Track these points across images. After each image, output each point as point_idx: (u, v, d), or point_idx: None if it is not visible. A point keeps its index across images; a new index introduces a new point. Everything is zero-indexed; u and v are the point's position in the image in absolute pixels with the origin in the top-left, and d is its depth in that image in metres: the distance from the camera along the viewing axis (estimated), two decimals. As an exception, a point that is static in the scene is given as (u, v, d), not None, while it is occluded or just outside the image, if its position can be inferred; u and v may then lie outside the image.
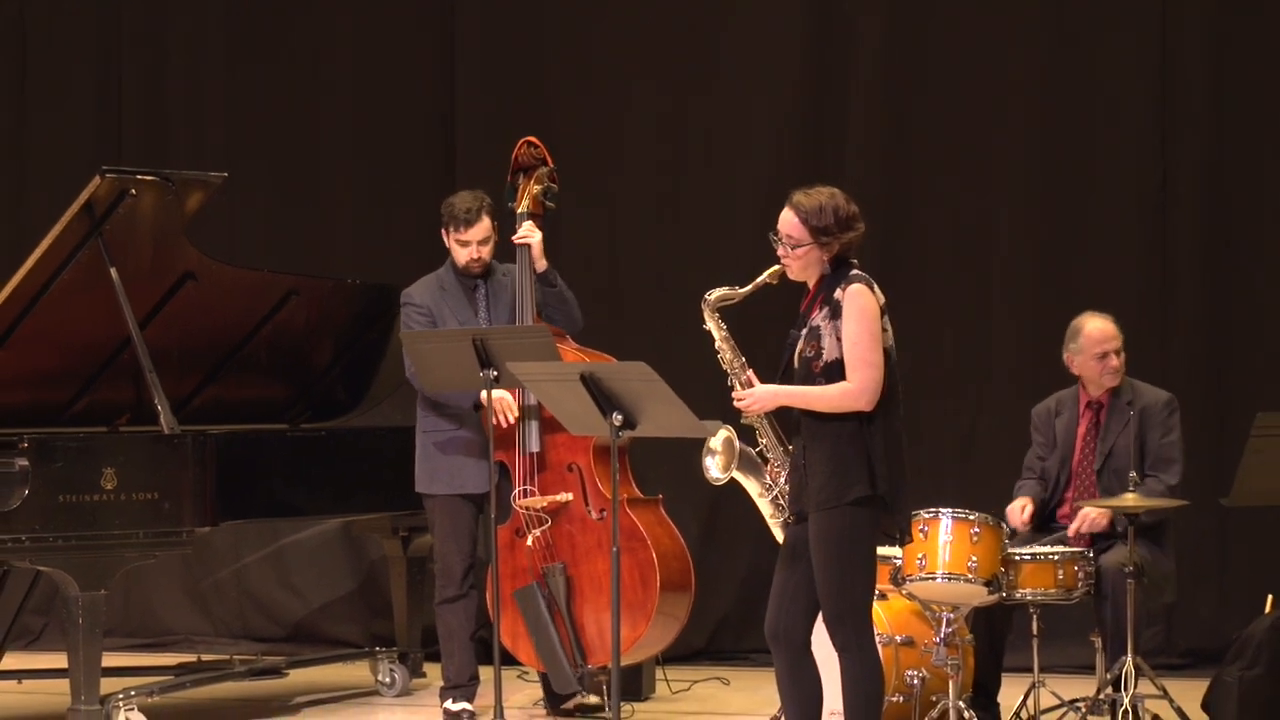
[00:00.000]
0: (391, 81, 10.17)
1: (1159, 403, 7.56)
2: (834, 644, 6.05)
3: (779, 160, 9.42)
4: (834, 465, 5.93)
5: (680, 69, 9.75)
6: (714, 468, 6.49)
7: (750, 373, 6.18)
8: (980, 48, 9.40)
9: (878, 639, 7.17)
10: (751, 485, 6.43)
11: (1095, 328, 7.59)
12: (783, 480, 6.20)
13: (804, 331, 6.05)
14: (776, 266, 6.09)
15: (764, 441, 6.23)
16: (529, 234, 7.79)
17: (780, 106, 9.59)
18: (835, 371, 5.95)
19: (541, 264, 7.80)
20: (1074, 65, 9.29)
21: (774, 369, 6.13)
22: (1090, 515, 7.37)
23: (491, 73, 9.97)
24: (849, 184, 9.23)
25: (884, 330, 5.98)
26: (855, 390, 5.92)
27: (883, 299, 6.00)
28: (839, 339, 5.94)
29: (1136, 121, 9.22)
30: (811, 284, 6.08)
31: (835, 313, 5.95)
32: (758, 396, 6.08)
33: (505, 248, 7.90)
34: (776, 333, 6.25)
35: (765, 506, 6.38)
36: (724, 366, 6.21)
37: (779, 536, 6.29)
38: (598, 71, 9.89)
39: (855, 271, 6.02)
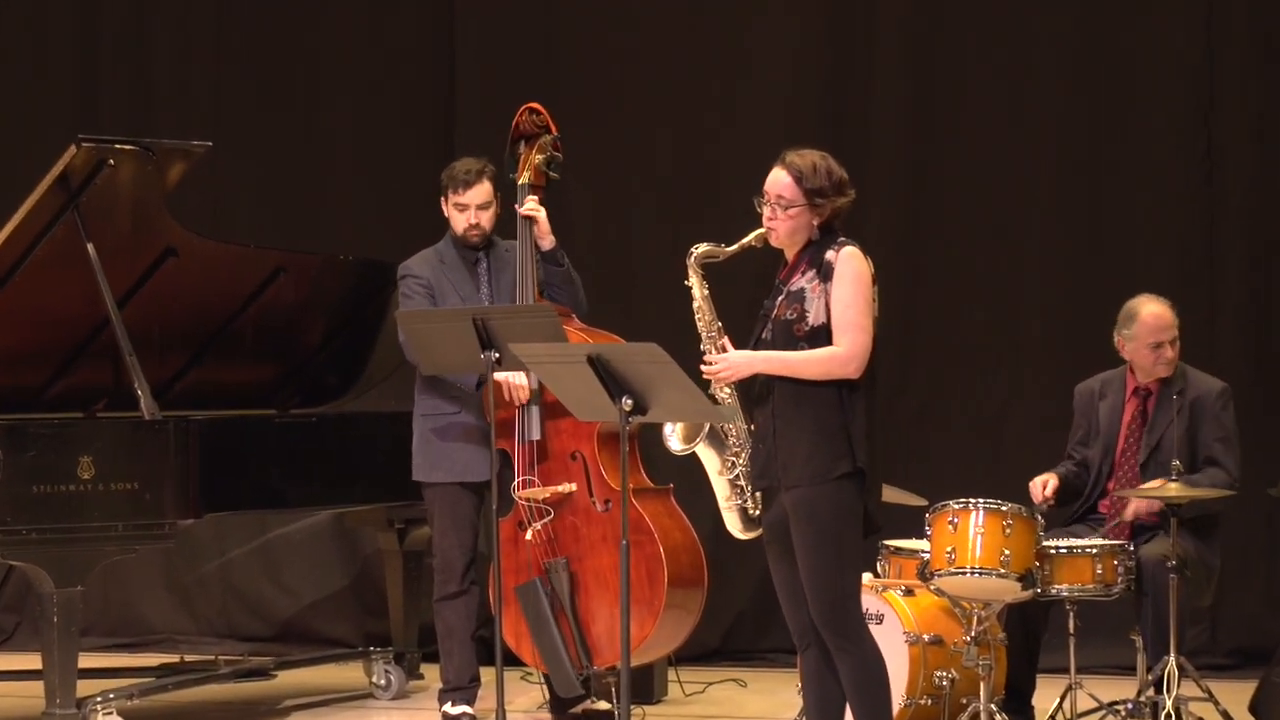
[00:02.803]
0: (386, 47, 10.17)
1: (1212, 393, 7.54)
2: (830, 644, 6.01)
3: (799, 127, 9.39)
4: (817, 437, 5.91)
5: (694, 33, 9.73)
6: (674, 438, 6.49)
7: (726, 339, 6.19)
8: (1015, 5, 9.38)
9: (904, 637, 7.21)
10: (712, 461, 6.39)
11: (1151, 314, 7.54)
12: (744, 459, 6.18)
13: (780, 298, 6.03)
14: (760, 230, 6.09)
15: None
16: (536, 208, 7.78)
17: (801, 66, 9.57)
18: (820, 337, 5.94)
19: (548, 241, 7.78)
20: (1115, 26, 9.27)
21: (741, 344, 6.11)
22: (1141, 506, 7.34)
23: (492, 36, 9.96)
24: (875, 149, 9.40)
25: (873, 299, 5.98)
26: (844, 355, 5.91)
27: (873, 268, 6.01)
28: (827, 304, 5.93)
29: (1181, 85, 9.20)
30: (791, 254, 6.08)
31: (825, 275, 5.95)
32: (732, 363, 6.06)
33: (509, 224, 7.89)
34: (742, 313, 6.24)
35: (721, 487, 6.31)
36: (699, 329, 6.21)
37: (732, 525, 6.27)
38: (606, 35, 9.87)
39: (844, 238, 6.03)
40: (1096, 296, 8.85)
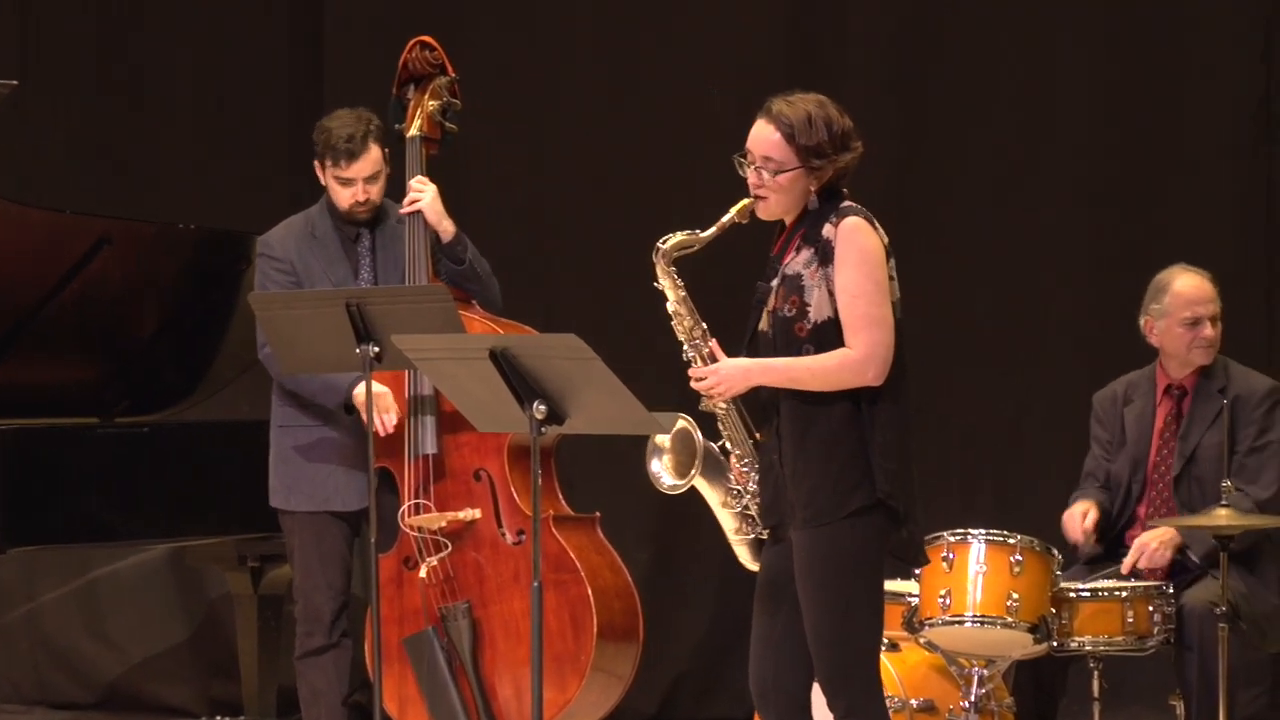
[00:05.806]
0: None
1: (1256, 394, 7.62)
2: (834, 711, 6.02)
3: (760, 62, 9.41)
4: (827, 464, 5.90)
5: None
6: (665, 473, 6.44)
7: (714, 344, 6.17)
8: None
9: (888, 703, 7.23)
10: (713, 493, 6.39)
11: (1188, 285, 7.62)
12: (752, 485, 6.20)
13: (776, 282, 6.02)
14: (746, 200, 6.06)
15: (726, 435, 6.19)
16: (419, 193, 7.75)
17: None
18: (828, 334, 5.91)
19: (446, 228, 7.75)
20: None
21: (736, 339, 6.09)
22: (1149, 545, 7.39)
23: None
24: (851, 96, 9.31)
25: (890, 278, 5.97)
26: (858, 358, 5.89)
27: (886, 239, 5.99)
28: (831, 292, 5.91)
29: (1233, 26, 9.24)
30: (789, 222, 6.06)
31: (824, 257, 5.92)
32: (724, 375, 6.04)
33: (398, 184, 7.88)
34: (732, 297, 6.25)
35: (728, 521, 6.30)
36: (679, 335, 6.18)
37: (745, 560, 6.28)
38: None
39: (848, 203, 6.00)
40: (1129, 279, 8.88)
